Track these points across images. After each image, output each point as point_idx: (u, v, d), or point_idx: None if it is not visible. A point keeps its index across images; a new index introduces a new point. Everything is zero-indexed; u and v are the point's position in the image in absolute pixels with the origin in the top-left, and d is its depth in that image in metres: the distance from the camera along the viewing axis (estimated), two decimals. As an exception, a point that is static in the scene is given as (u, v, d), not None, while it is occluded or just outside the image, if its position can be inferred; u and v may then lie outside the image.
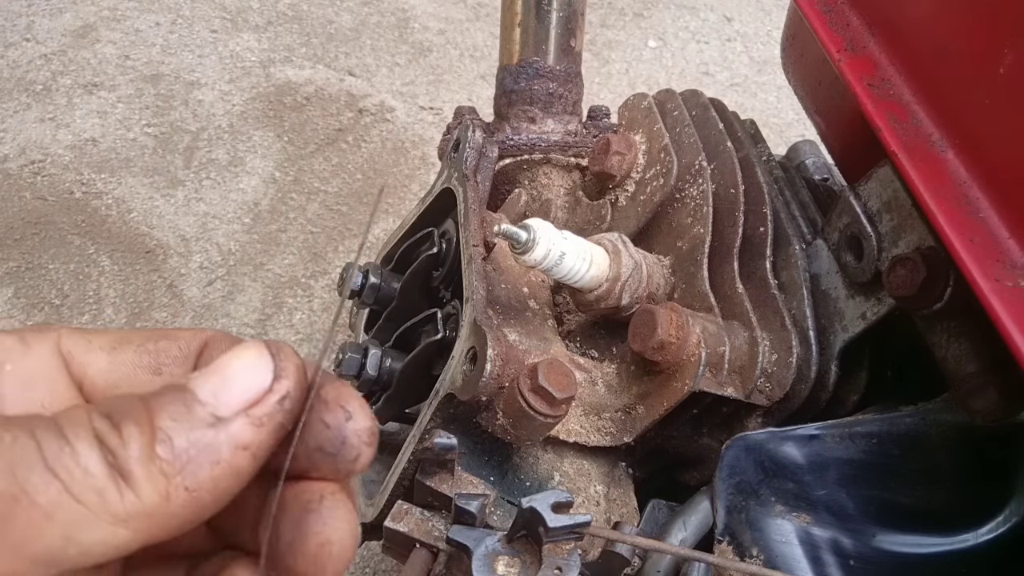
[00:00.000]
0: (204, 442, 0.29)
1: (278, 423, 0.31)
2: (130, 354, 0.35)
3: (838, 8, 0.77)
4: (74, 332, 0.34)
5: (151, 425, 0.28)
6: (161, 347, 0.35)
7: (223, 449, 0.29)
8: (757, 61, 2.56)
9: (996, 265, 0.57)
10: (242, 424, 0.29)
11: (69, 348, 0.34)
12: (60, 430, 0.27)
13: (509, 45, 1.05)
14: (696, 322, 0.74)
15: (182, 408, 0.29)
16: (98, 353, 0.34)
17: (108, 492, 0.27)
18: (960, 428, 0.73)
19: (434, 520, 0.67)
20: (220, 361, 0.31)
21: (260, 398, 0.30)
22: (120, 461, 0.27)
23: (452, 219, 0.81)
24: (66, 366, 0.34)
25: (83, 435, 0.27)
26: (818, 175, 1.02)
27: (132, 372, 0.34)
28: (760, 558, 0.70)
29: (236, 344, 0.35)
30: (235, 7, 2.41)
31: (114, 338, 0.35)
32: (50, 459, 0.26)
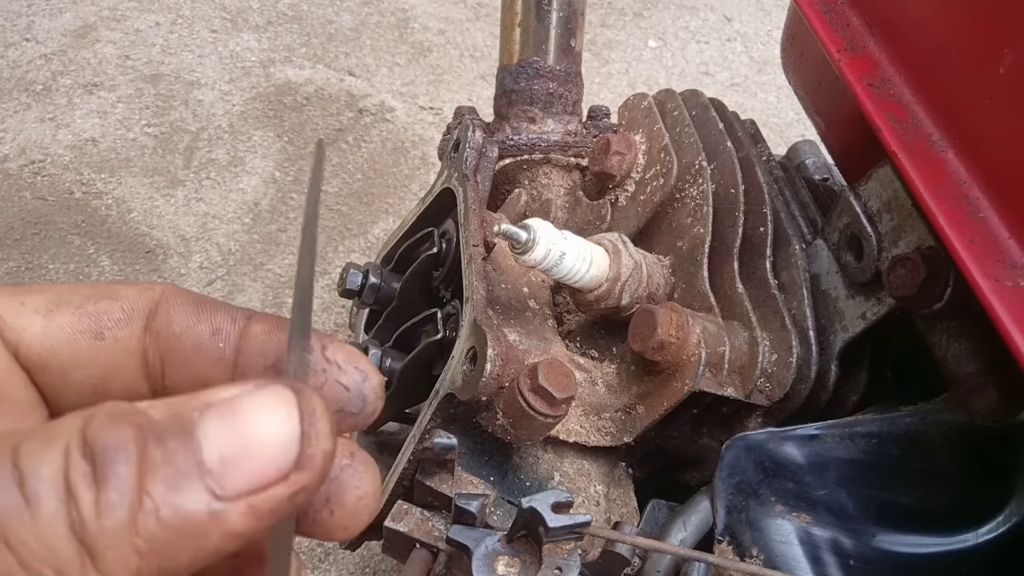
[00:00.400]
0: (195, 523, 0.24)
1: (280, 517, 0.26)
2: (68, 316, 0.32)
3: (838, 8, 0.77)
4: (5, 293, 0.31)
5: (139, 488, 0.24)
6: (102, 308, 0.32)
7: (212, 536, 0.24)
8: (757, 61, 2.56)
9: (996, 265, 0.57)
10: (241, 512, 0.25)
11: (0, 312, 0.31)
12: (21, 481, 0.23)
13: (509, 45, 1.05)
14: (696, 322, 0.74)
15: (181, 470, 0.24)
16: (32, 316, 0.31)
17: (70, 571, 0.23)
18: (960, 428, 0.73)
19: (434, 520, 0.67)
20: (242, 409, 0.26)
21: (271, 484, 0.25)
22: (90, 536, 0.23)
23: (452, 219, 0.81)
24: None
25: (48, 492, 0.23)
26: (818, 175, 1.02)
27: (71, 336, 0.31)
28: (760, 558, 0.70)
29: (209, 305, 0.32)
30: (235, 7, 2.41)
31: (50, 299, 0.32)
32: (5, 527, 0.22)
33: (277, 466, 0.25)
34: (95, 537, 0.23)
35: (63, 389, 0.33)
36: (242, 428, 0.25)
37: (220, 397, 0.26)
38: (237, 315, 0.33)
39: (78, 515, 0.23)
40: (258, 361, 0.33)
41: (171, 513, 0.24)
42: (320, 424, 0.26)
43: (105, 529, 0.23)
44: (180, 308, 0.33)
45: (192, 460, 0.24)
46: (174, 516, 0.24)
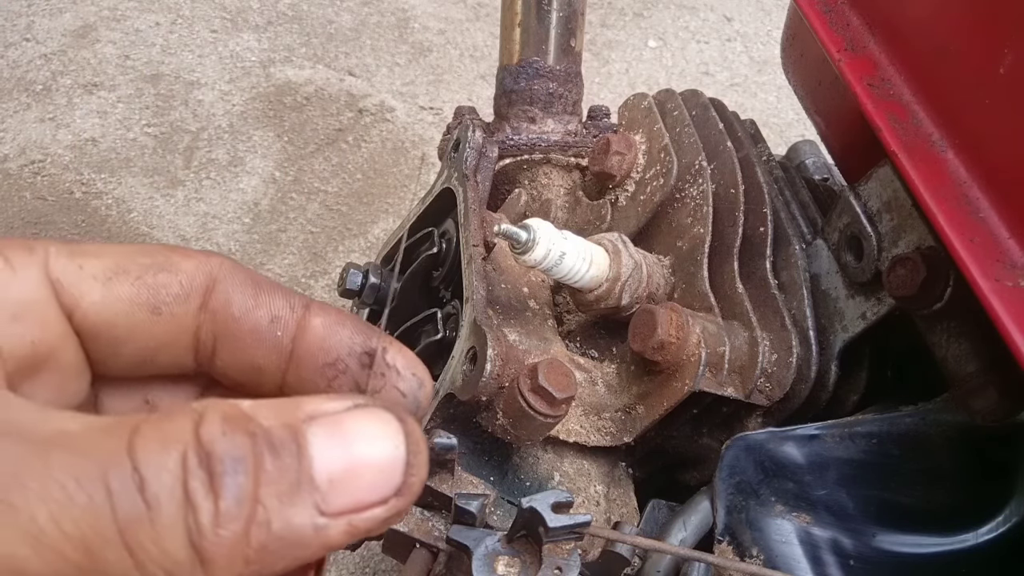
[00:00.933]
0: (300, 536, 0.25)
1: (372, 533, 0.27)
2: (127, 288, 0.31)
3: (838, 8, 0.77)
4: (63, 253, 0.30)
5: (254, 500, 0.24)
6: (161, 281, 0.31)
7: (311, 548, 0.25)
8: (757, 61, 2.56)
9: (996, 265, 0.57)
10: (341, 529, 0.25)
11: (58, 275, 0.30)
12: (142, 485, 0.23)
13: (509, 45, 1.05)
14: (696, 322, 0.74)
15: (294, 484, 0.25)
16: (91, 283, 0.30)
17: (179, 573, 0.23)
18: (960, 428, 0.73)
19: (434, 520, 0.67)
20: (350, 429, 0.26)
21: (372, 506, 0.26)
22: (206, 545, 0.23)
23: (452, 219, 0.81)
24: (56, 295, 0.30)
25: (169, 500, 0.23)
26: (818, 175, 1.02)
27: (129, 309, 0.31)
28: (760, 558, 0.70)
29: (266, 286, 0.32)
30: (235, 7, 2.41)
31: (108, 265, 0.31)
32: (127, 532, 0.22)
33: (381, 491, 0.26)
34: (210, 545, 0.23)
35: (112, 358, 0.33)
36: (352, 449, 0.26)
37: (325, 410, 0.26)
38: (295, 302, 0.33)
39: (195, 523, 0.23)
40: (317, 356, 0.33)
41: (282, 526, 0.24)
42: (422, 456, 0.27)
43: (221, 538, 0.23)
44: (239, 288, 0.33)
45: (304, 475, 0.25)
46: (284, 529, 0.24)
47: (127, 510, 0.23)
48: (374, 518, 0.26)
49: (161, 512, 0.23)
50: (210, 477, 0.24)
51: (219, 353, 0.33)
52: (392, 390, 0.32)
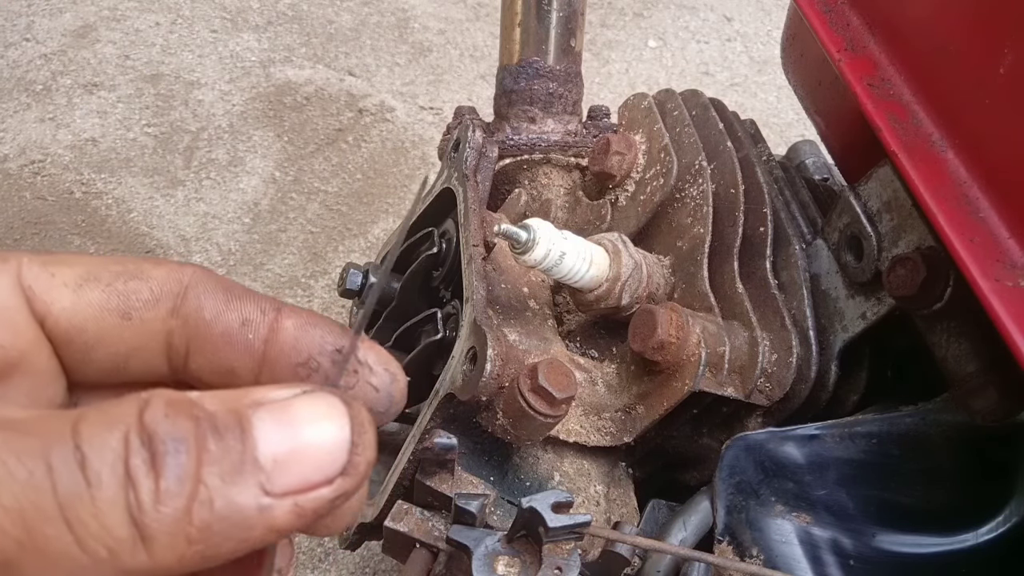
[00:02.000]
0: (243, 516, 0.25)
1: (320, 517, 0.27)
2: (97, 293, 0.32)
3: (838, 8, 0.77)
4: (36, 262, 0.31)
5: (196, 478, 0.24)
6: (131, 288, 0.32)
7: (257, 529, 0.25)
8: (757, 61, 2.56)
9: (996, 265, 0.57)
10: (287, 509, 0.26)
11: (30, 282, 0.31)
12: (83, 462, 0.23)
13: (509, 45, 1.05)
14: (696, 322, 0.74)
15: (237, 464, 0.25)
16: (62, 290, 0.31)
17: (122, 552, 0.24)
18: (960, 428, 0.73)
19: (434, 520, 0.67)
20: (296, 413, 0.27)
21: (317, 486, 0.26)
22: (147, 521, 0.24)
23: (452, 219, 0.81)
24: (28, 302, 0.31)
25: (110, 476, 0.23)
26: (818, 175, 1.02)
27: (98, 313, 0.32)
28: (760, 558, 0.70)
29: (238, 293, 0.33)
30: (235, 7, 2.41)
31: (79, 273, 0.32)
32: (67, 507, 0.23)
33: (325, 471, 0.26)
34: (151, 522, 0.24)
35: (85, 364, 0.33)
36: (296, 431, 0.26)
37: (272, 397, 0.27)
38: (266, 306, 0.34)
39: (136, 500, 0.24)
40: (289, 356, 0.33)
41: (224, 505, 0.25)
42: (367, 435, 0.28)
43: (161, 515, 0.24)
44: (210, 294, 0.33)
45: (248, 456, 0.25)
46: (226, 508, 0.25)
47: (67, 485, 0.23)
48: (320, 498, 0.26)
49: (102, 488, 0.23)
50: (152, 456, 0.24)
51: (192, 357, 0.34)
52: (365, 386, 0.32)
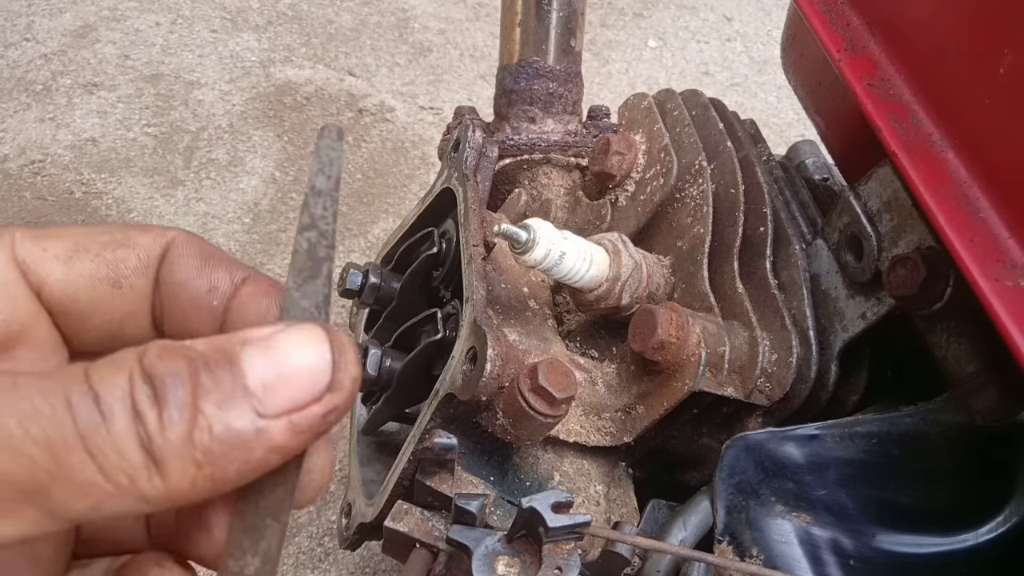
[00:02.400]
0: (242, 438, 0.27)
1: (316, 434, 0.29)
2: (87, 264, 0.33)
3: (838, 8, 0.77)
4: (28, 237, 0.33)
5: (194, 407, 0.27)
6: (119, 257, 0.34)
7: (257, 450, 0.28)
8: (757, 61, 2.56)
9: (996, 265, 0.57)
10: (282, 428, 0.28)
11: (24, 256, 0.33)
12: (96, 399, 0.26)
13: (509, 45, 1.05)
14: (696, 322, 0.74)
15: (229, 393, 0.28)
16: (54, 263, 0.33)
17: (139, 478, 0.26)
18: (960, 428, 0.73)
19: (434, 520, 0.67)
20: (279, 344, 0.29)
21: (307, 404, 0.29)
22: (156, 447, 0.26)
23: (452, 219, 0.81)
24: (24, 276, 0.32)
25: (120, 410, 0.26)
26: (818, 175, 1.02)
27: (90, 283, 0.33)
28: (760, 558, 0.70)
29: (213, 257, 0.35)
30: (235, 7, 2.41)
31: (68, 245, 0.33)
32: (87, 438, 0.25)
33: (312, 389, 0.29)
34: (160, 449, 0.26)
35: (82, 332, 0.35)
36: (280, 358, 0.29)
37: (256, 335, 0.29)
38: (236, 273, 0.35)
39: (145, 430, 0.26)
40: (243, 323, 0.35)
41: (222, 429, 0.27)
42: (348, 354, 0.30)
43: (168, 442, 0.26)
44: (186, 259, 0.35)
45: (238, 384, 0.28)
46: (225, 432, 0.27)
47: (85, 419, 0.25)
48: (313, 415, 0.29)
49: (115, 421, 0.26)
50: (154, 392, 0.27)
51: (166, 320, 0.36)
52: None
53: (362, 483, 0.79)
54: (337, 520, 0.81)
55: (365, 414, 0.85)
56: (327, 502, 1.49)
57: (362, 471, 0.81)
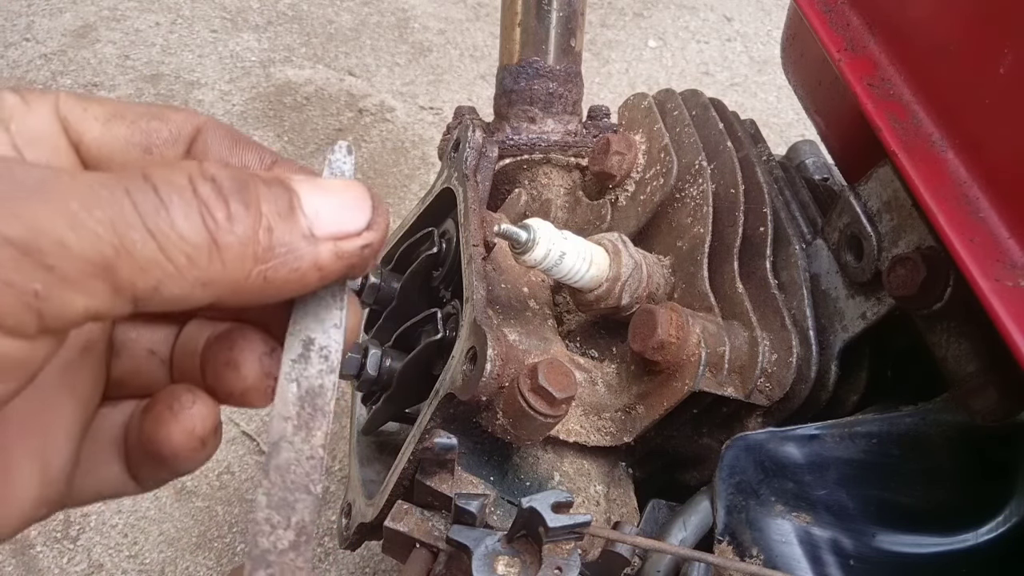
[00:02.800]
0: (296, 248, 0.30)
1: (351, 264, 0.32)
2: (123, 129, 0.35)
3: (838, 8, 0.77)
4: (70, 98, 0.35)
5: (258, 209, 0.29)
6: (153, 127, 0.36)
7: (305, 262, 0.31)
8: (757, 61, 2.56)
9: (996, 265, 0.57)
10: (328, 250, 0.31)
11: (66, 113, 0.34)
12: (155, 191, 0.28)
13: (509, 45, 1.05)
14: (696, 322, 0.74)
15: (287, 208, 0.30)
16: (93, 123, 0.35)
17: (199, 258, 0.28)
18: (960, 428, 0.73)
19: (434, 520, 0.67)
20: (329, 184, 0.33)
21: (349, 236, 0.32)
22: (221, 233, 0.28)
23: (452, 219, 0.81)
24: (64, 131, 0.34)
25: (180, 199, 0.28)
26: (818, 175, 1.02)
27: (124, 147, 0.35)
28: (760, 558, 0.70)
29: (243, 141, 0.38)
30: (235, 7, 2.41)
31: (109, 110, 0.35)
32: (147, 218, 0.27)
33: (354, 223, 0.32)
34: (225, 235, 0.28)
35: None
36: (329, 194, 0.32)
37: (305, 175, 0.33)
38: (266, 156, 0.37)
39: (211, 216, 0.28)
40: None
41: (282, 233, 0.30)
42: (383, 204, 0.34)
43: (233, 231, 0.29)
44: (218, 139, 0.37)
45: (295, 203, 0.31)
46: (283, 236, 0.30)
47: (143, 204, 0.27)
48: (354, 245, 0.32)
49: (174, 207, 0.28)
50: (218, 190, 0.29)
51: None
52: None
53: (362, 483, 0.79)
54: (337, 520, 0.81)
55: (365, 414, 0.85)
56: (327, 502, 1.49)
57: (362, 471, 0.81)
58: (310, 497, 0.31)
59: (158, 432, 0.36)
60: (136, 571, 1.38)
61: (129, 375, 0.39)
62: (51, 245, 0.26)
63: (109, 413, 0.39)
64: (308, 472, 0.32)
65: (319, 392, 0.33)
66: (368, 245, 0.33)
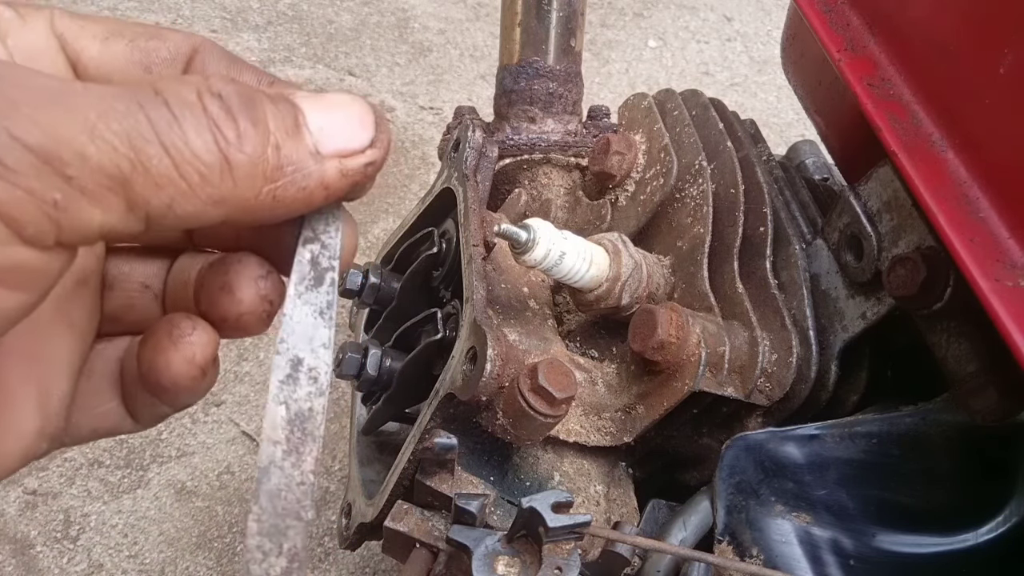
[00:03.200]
0: (303, 166, 0.30)
1: (355, 183, 0.32)
2: (122, 47, 0.35)
3: (838, 8, 0.77)
4: (65, 15, 0.34)
5: (266, 127, 0.29)
6: (151, 46, 0.35)
7: (312, 180, 0.31)
8: (757, 61, 2.56)
9: (996, 265, 0.57)
10: (334, 167, 0.31)
11: (62, 30, 0.34)
12: (166, 104, 0.28)
13: (509, 45, 1.05)
14: (696, 322, 0.74)
15: (293, 126, 0.30)
16: (90, 40, 0.34)
17: (211, 176, 0.28)
18: (960, 428, 0.73)
19: (434, 520, 0.67)
20: (333, 100, 0.32)
21: (353, 154, 0.32)
22: (232, 151, 0.28)
23: (452, 219, 0.81)
24: (61, 47, 0.34)
25: (191, 115, 0.28)
26: (818, 175, 1.02)
27: (124, 65, 0.35)
28: (760, 558, 0.70)
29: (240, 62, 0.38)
30: (235, 7, 2.41)
31: (106, 28, 0.35)
32: (161, 133, 0.27)
33: (359, 140, 0.32)
34: (236, 154, 0.28)
35: None
36: (333, 110, 0.32)
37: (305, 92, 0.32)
38: (263, 78, 0.38)
39: (222, 135, 0.28)
40: None
41: (289, 152, 0.30)
42: (385, 122, 0.34)
43: (244, 149, 0.29)
44: (215, 60, 0.37)
45: (301, 121, 0.31)
46: (291, 154, 0.30)
47: (157, 119, 0.27)
48: (357, 163, 0.32)
49: (187, 123, 0.28)
50: (226, 108, 0.29)
51: None
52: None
53: (362, 483, 0.79)
54: (337, 520, 0.81)
55: (365, 414, 0.85)
56: (327, 502, 1.49)
57: (362, 471, 0.81)
58: (301, 523, 0.31)
59: (157, 361, 0.36)
60: (136, 571, 1.38)
61: (123, 310, 0.39)
62: (71, 155, 0.26)
63: (104, 349, 0.39)
64: (299, 498, 0.31)
65: (308, 416, 0.32)
66: (372, 163, 0.33)
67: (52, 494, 1.44)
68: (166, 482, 1.48)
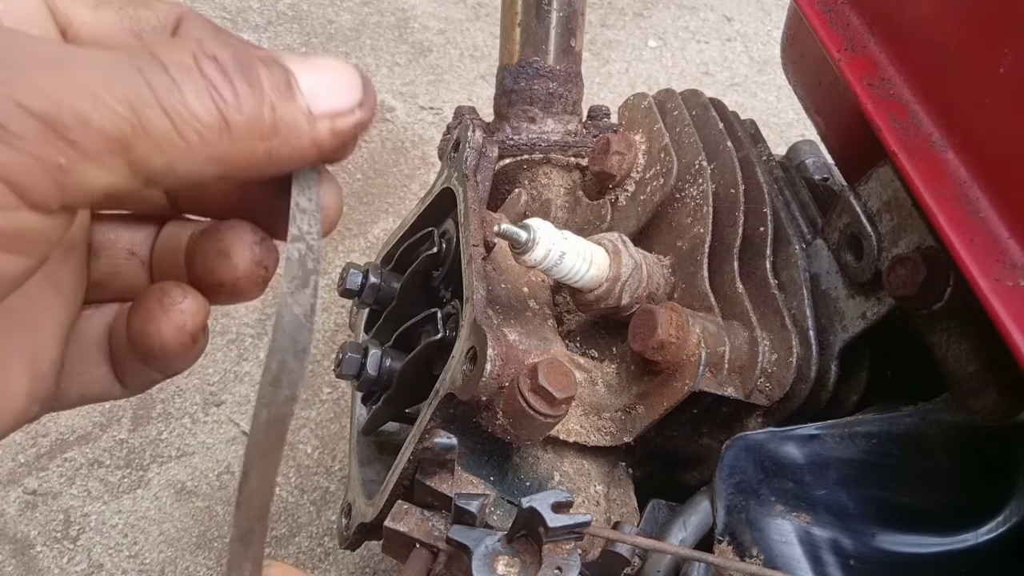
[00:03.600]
0: (296, 126, 0.31)
1: (344, 143, 0.33)
2: (112, 14, 0.36)
3: (838, 8, 0.77)
4: None
5: (261, 88, 0.30)
6: (141, 15, 0.36)
7: (304, 139, 0.32)
8: (757, 61, 2.56)
9: (996, 265, 0.57)
10: (325, 127, 0.32)
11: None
12: (165, 70, 0.28)
13: (509, 45, 1.05)
14: (696, 322, 0.74)
15: (286, 87, 0.31)
16: (82, 8, 0.35)
17: (209, 136, 0.29)
18: (960, 428, 0.73)
19: (434, 520, 0.67)
20: (321, 62, 0.33)
21: (343, 114, 0.33)
22: (229, 112, 0.29)
23: (452, 219, 0.81)
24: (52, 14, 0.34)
25: (189, 78, 0.29)
26: (818, 175, 1.02)
27: (114, 33, 0.36)
28: (760, 558, 0.70)
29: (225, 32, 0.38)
30: (235, 7, 2.41)
31: None
32: (161, 97, 0.28)
33: (348, 101, 0.33)
34: (234, 114, 0.29)
35: None
36: (322, 72, 0.33)
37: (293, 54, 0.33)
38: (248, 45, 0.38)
39: (219, 95, 0.29)
40: None
41: (284, 111, 0.31)
42: (370, 83, 0.35)
43: (241, 109, 0.29)
44: (200, 28, 0.38)
45: (292, 82, 0.32)
46: (286, 114, 0.31)
47: (156, 82, 0.28)
48: (347, 123, 0.33)
49: (185, 85, 0.28)
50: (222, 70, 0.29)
51: None
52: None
53: (362, 483, 0.79)
54: (337, 520, 0.81)
55: (365, 414, 0.85)
56: (327, 502, 1.49)
57: (362, 471, 0.81)
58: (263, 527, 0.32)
59: (147, 328, 0.36)
60: (136, 571, 1.38)
61: (109, 277, 0.40)
62: (74, 120, 0.26)
63: (92, 315, 0.40)
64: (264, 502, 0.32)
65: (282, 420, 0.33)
66: (360, 123, 0.34)
67: (52, 494, 1.44)
68: (166, 482, 1.48)
